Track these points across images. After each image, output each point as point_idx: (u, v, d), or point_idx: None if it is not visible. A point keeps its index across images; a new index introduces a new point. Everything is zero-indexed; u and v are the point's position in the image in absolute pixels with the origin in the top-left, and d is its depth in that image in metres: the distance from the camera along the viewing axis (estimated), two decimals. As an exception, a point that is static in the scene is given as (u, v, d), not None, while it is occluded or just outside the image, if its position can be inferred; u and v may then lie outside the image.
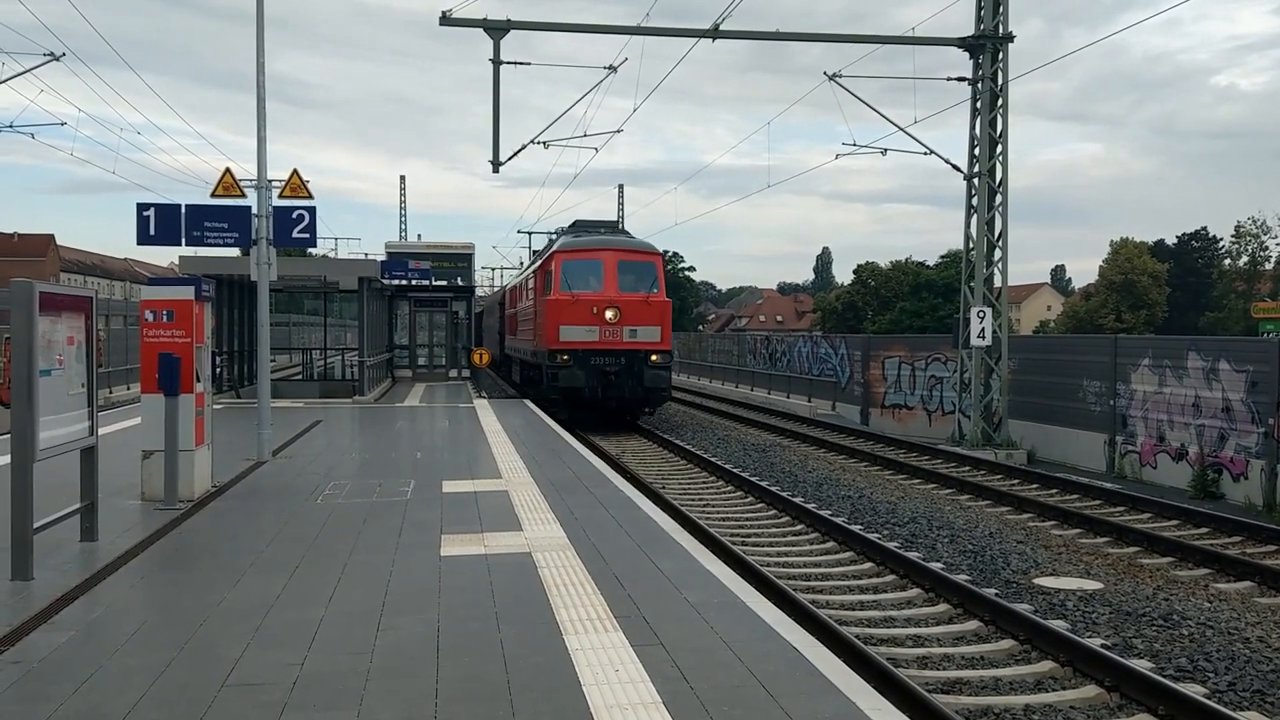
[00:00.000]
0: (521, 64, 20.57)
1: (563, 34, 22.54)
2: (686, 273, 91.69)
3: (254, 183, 13.17)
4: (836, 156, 29.28)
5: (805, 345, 34.72)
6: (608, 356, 21.62)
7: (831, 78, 21.28)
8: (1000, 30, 21.11)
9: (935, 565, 10.32)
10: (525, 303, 27.12)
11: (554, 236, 27.46)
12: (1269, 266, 73.12)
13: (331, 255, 49.37)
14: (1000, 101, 21.32)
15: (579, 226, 25.92)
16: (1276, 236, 72.69)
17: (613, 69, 20.57)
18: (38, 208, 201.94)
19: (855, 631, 8.24)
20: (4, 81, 21.28)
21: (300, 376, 28.59)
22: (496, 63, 20.25)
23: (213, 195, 13.09)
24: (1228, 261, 77.48)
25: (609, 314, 21.61)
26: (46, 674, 5.11)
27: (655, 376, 21.83)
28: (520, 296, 29.26)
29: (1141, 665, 7.38)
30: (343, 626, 5.91)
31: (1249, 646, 8.22)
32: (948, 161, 21.94)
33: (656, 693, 4.86)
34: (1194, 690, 6.96)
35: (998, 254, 21.85)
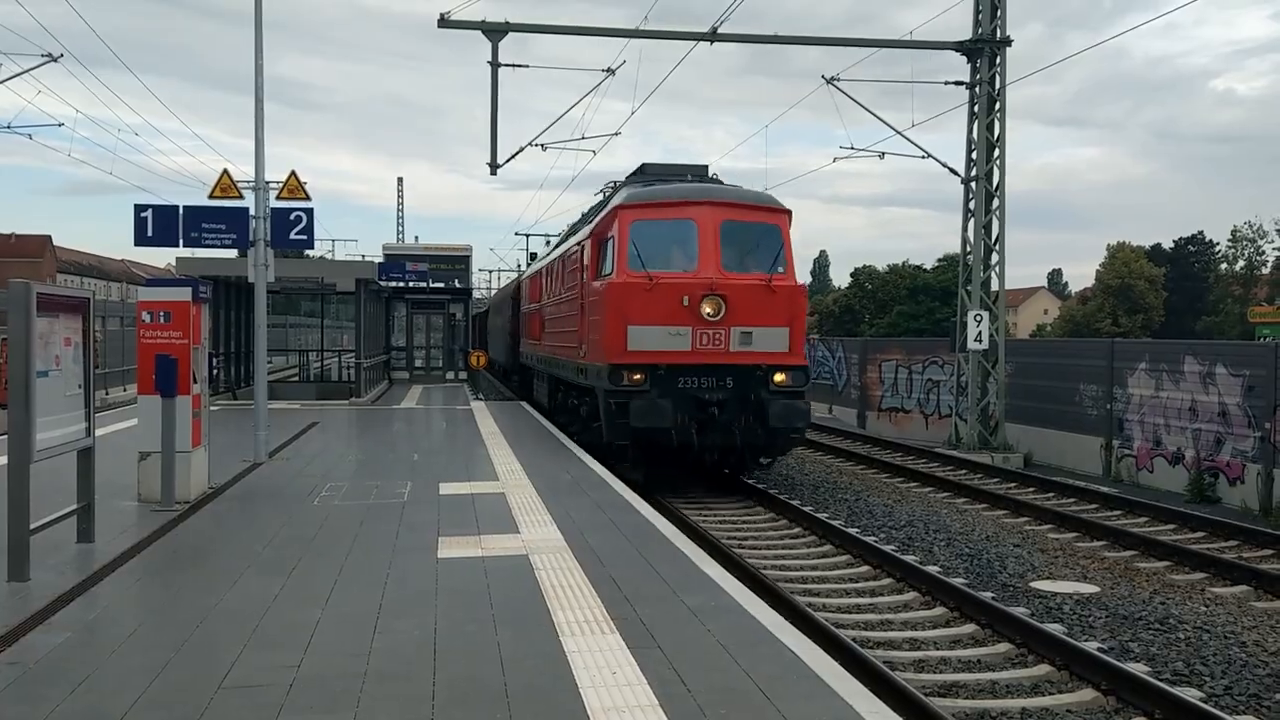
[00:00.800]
0: (520, 66, 20.58)
1: (561, 36, 22.41)
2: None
3: (252, 184, 13.18)
4: (834, 160, 29.33)
5: (802, 348, 34.63)
6: (706, 376, 13.87)
7: (829, 81, 21.32)
8: (998, 34, 21.16)
9: (932, 568, 10.33)
10: (559, 293, 19.01)
11: (606, 190, 18.29)
12: (1265, 271, 73.24)
13: (328, 257, 49.48)
14: (998, 105, 21.37)
15: (649, 172, 17.11)
16: (1273, 241, 73.28)
17: (611, 72, 20.59)
18: (35, 209, 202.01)
19: (852, 635, 8.25)
20: (2, 82, 21.27)
21: (297, 378, 28.57)
22: (495, 65, 20.26)
23: (210, 197, 13.10)
24: (1224, 266, 77.60)
25: (708, 307, 13.78)
26: (43, 675, 5.10)
27: (785, 410, 13.70)
28: (548, 285, 21.08)
29: (1138, 669, 7.39)
30: (340, 628, 5.91)
31: (1245, 650, 8.23)
32: (945, 165, 21.99)
33: (654, 695, 4.86)
34: (1191, 694, 6.96)
35: (995, 257, 21.89)
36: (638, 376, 13.71)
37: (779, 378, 14.00)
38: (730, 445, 13.91)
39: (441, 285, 35.24)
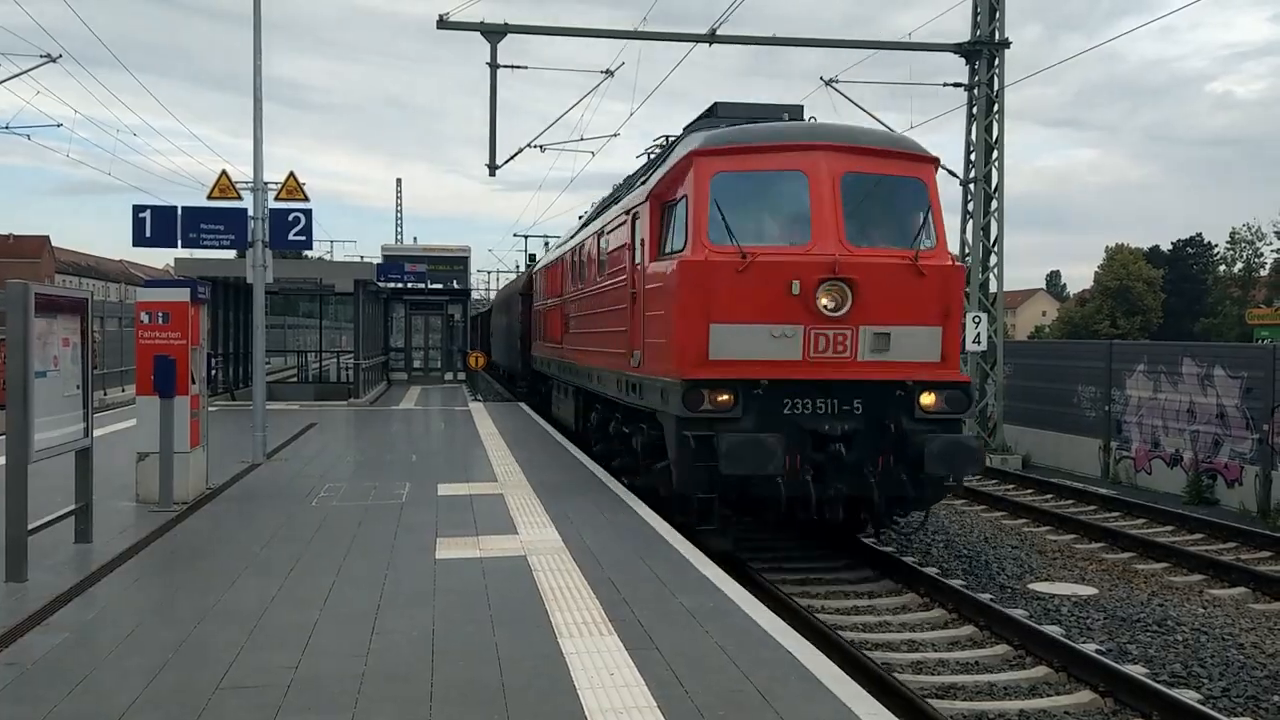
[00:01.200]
0: (519, 68, 20.57)
1: (560, 38, 22.41)
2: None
3: (250, 185, 13.17)
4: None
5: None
6: (825, 397, 9.74)
7: (828, 83, 21.30)
8: (996, 36, 21.18)
9: (930, 570, 10.33)
10: (595, 281, 14.38)
11: (652, 152, 14.09)
12: (1263, 273, 73.34)
13: (327, 258, 49.52)
14: (996, 107, 21.39)
15: (723, 115, 11.94)
16: (1271, 243, 73.01)
17: (610, 73, 20.59)
18: (34, 209, 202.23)
19: (850, 637, 8.25)
20: (1, 83, 21.27)
21: (295, 379, 28.53)
22: (494, 66, 20.24)
23: (209, 197, 13.10)
24: (1222, 268, 77.74)
25: (826, 298, 9.65)
26: (41, 676, 5.10)
27: (946, 449, 9.44)
28: (575, 272, 16.43)
29: (1136, 671, 7.40)
30: (338, 629, 5.91)
31: (1243, 652, 8.24)
32: (944, 167, 21.96)
33: (651, 697, 4.86)
34: (1188, 696, 6.97)
35: (993, 259, 21.91)
36: (725, 397, 9.46)
37: (927, 399, 9.76)
38: (863, 496, 9.71)
39: (440, 286, 35.24)
